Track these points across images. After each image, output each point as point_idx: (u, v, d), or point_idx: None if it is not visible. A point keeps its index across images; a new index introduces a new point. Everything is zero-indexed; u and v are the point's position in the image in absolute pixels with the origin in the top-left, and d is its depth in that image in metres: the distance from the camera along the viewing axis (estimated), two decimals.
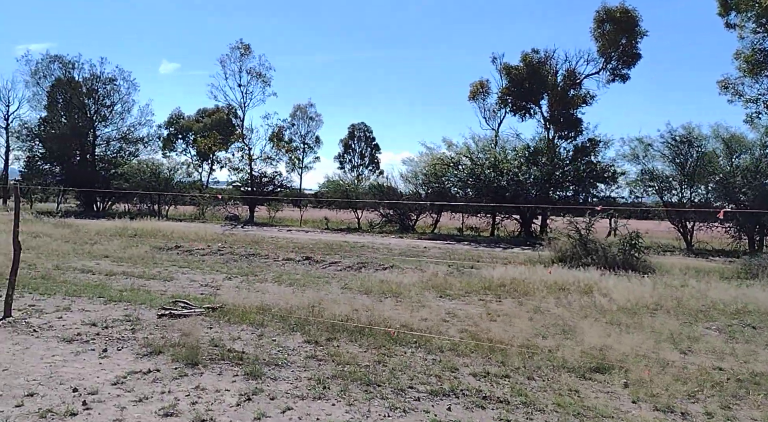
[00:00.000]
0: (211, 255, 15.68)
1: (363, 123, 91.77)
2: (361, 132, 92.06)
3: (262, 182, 33.23)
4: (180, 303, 8.22)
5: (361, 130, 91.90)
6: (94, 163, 36.55)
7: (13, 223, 7.46)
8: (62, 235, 18.43)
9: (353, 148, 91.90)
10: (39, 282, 9.71)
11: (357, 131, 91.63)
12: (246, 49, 32.65)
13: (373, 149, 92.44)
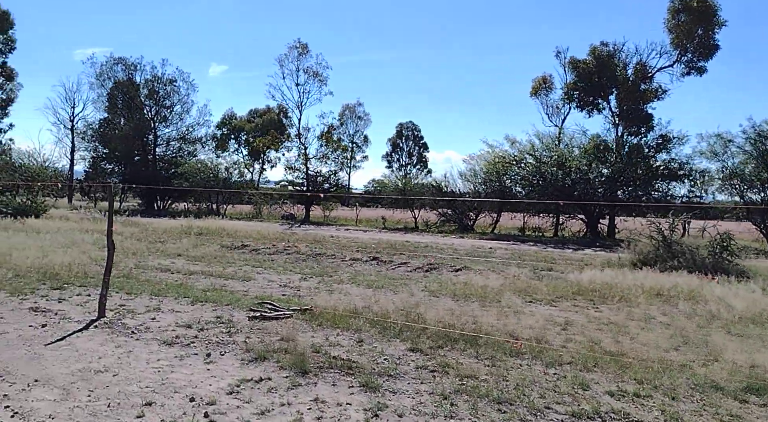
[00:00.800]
0: (278, 254, 15.61)
1: (411, 122, 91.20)
2: (409, 131, 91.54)
3: (317, 181, 33.27)
4: (266, 304, 8.03)
5: (409, 129, 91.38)
6: (155, 162, 37.50)
7: (107, 223, 7.39)
8: (132, 234, 18.79)
9: (401, 147, 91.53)
10: (123, 281, 9.73)
11: (405, 130, 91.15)
12: (304, 49, 32.81)
13: (421, 148, 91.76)
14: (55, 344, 5.83)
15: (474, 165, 27.96)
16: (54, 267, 10.29)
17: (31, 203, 22.47)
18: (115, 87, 39.36)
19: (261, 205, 33.96)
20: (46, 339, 6.01)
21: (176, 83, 37.20)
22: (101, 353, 5.55)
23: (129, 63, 36.20)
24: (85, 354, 5.48)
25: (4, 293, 8.30)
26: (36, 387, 4.54)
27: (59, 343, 5.86)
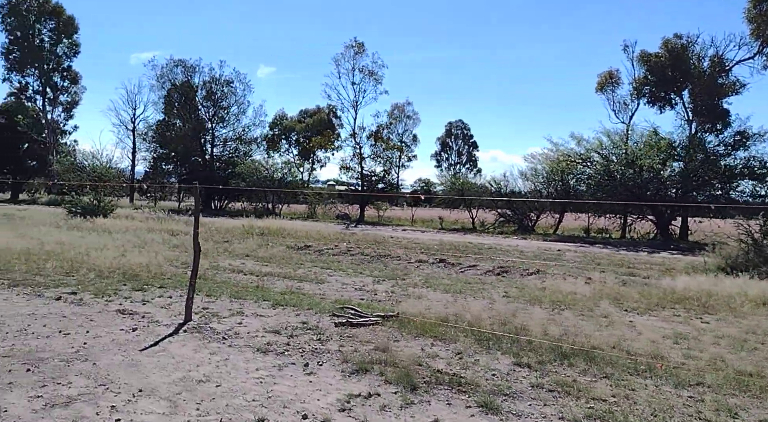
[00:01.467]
0: (342, 255, 15.42)
1: (460, 120, 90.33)
2: (459, 129, 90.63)
3: (372, 181, 33.11)
4: (349, 309, 7.76)
5: (458, 128, 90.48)
6: (212, 162, 38.22)
7: (194, 225, 7.28)
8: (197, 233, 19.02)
9: (450, 146, 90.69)
10: (201, 283, 9.67)
11: (454, 129, 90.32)
12: (360, 48, 32.73)
13: (471, 147, 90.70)
14: (150, 350, 5.71)
15: (536, 164, 27.14)
16: (132, 267, 10.38)
17: (99, 203, 23.14)
18: (174, 88, 40.38)
19: (315, 205, 34.06)
20: (140, 344, 5.91)
21: (233, 84, 37.86)
22: (198, 360, 5.38)
23: (188, 65, 37.11)
24: (182, 362, 5.32)
25: (88, 294, 8.35)
26: (142, 398, 4.38)
27: (153, 349, 5.74)
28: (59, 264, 10.44)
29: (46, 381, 4.71)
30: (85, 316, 7.02)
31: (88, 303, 7.76)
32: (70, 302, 7.80)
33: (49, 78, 44.89)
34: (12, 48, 43.82)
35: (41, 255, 11.58)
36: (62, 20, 44.48)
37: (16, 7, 42.78)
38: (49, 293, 8.32)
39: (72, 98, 46.49)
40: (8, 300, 7.76)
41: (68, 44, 45.50)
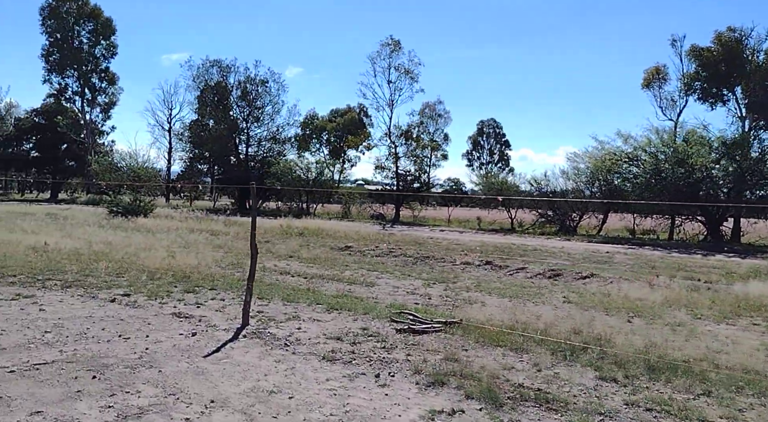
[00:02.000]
0: (384, 256, 15.17)
1: (492, 119, 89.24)
2: (491, 128, 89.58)
3: (407, 180, 32.79)
4: (407, 315, 7.46)
5: (490, 127, 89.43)
6: (247, 162, 38.42)
7: (251, 226, 7.08)
8: (236, 233, 19.02)
9: (482, 145, 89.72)
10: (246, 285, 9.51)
11: (486, 127, 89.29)
12: (396, 46, 32.43)
13: (503, 146, 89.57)
14: (213, 356, 5.52)
15: (578, 162, 26.42)
16: (181, 269, 10.28)
17: (139, 203, 23.39)
18: (209, 88, 40.74)
19: (350, 205, 33.91)
20: (202, 349, 5.72)
21: (267, 84, 37.97)
22: (264, 369, 5.15)
23: (224, 65, 37.37)
24: (249, 370, 5.10)
25: (142, 296, 8.25)
26: (215, 411, 4.15)
27: (217, 355, 5.54)
28: (109, 265, 10.42)
29: (113, 389, 4.54)
30: (142, 319, 6.88)
31: (143, 306, 7.64)
32: (125, 304, 7.69)
33: (87, 79, 45.83)
34: (52, 50, 44.83)
35: (90, 255, 11.61)
36: (100, 22, 45.33)
37: (56, 9, 43.77)
38: (102, 295, 8.24)
39: (109, 99, 47.40)
40: (64, 301, 7.69)
41: (106, 46, 46.38)
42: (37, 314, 6.92)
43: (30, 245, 12.44)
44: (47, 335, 6.01)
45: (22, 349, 5.49)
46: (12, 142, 48.05)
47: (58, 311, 7.12)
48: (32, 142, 47.42)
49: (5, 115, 51.10)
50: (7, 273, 9.43)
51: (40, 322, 6.53)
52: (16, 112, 50.89)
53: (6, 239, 12.98)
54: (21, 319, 6.63)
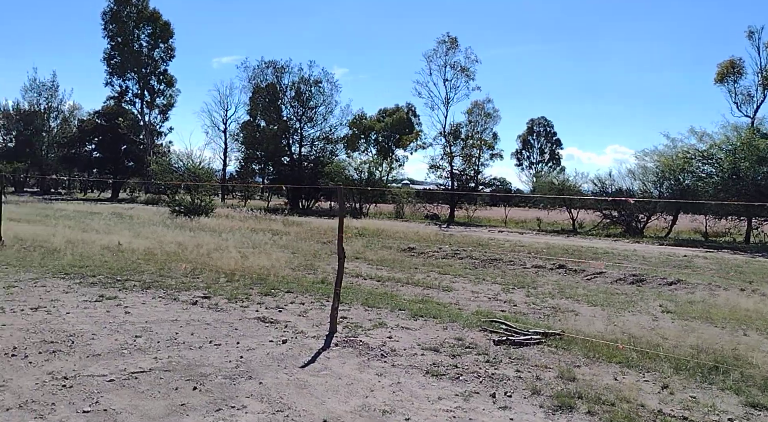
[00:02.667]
0: (449, 258, 14.70)
1: (543, 117, 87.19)
2: (541, 127, 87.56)
3: (462, 180, 32.19)
4: (499, 324, 7.02)
5: (540, 125, 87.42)
6: (300, 162, 38.61)
7: (338, 228, 6.79)
8: (297, 234, 18.94)
9: (532, 144, 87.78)
10: (325, 287, 9.27)
11: (536, 126, 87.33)
12: (453, 43, 31.86)
13: (554, 145, 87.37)
14: (311, 367, 5.23)
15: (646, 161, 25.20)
16: (255, 270, 10.14)
17: (200, 202, 23.69)
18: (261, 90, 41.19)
19: (403, 205, 33.57)
20: (297, 359, 5.44)
21: (321, 84, 38.05)
22: (368, 383, 4.81)
23: (278, 66, 37.65)
24: (352, 384, 4.78)
25: (222, 299, 8.10)
26: None
27: (314, 366, 5.25)
28: (185, 266, 10.38)
29: (217, 402, 4.29)
30: (227, 324, 6.69)
31: (226, 309, 7.47)
32: (208, 307, 7.54)
33: (146, 81, 47.17)
34: (113, 53, 46.33)
35: (163, 255, 11.64)
36: (159, 25, 46.58)
37: (117, 14, 45.21)
38: (183, 296, 8.14)
39: (167, 101, 48.66)
40: (147, 304, 7.60)
41: (164, 49, 47.63)
42: (123, 317, 6.83)
43: (104, 245, 12.61)
44: (138, 340, 5.87)
45: (117, 355, 5.34)
46: (75, 143, 49.99)
47: (143, 314, 7.02)
48: (94, 143, 49.15)
49: (69, 116, 53.31)
50: (88, 274, 9.49)
51: (128, 326, 6.42)
52: (79, 114, 53.03)
53: (81, 238, 13.21)
54: (109, 322, 6.54)
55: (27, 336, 5.82)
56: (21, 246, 12.25)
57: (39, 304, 7.23)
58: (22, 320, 6.44)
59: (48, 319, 6.52)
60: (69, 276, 9.29)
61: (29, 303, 7.31)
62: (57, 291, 8.12)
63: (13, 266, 9.93)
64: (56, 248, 11.87)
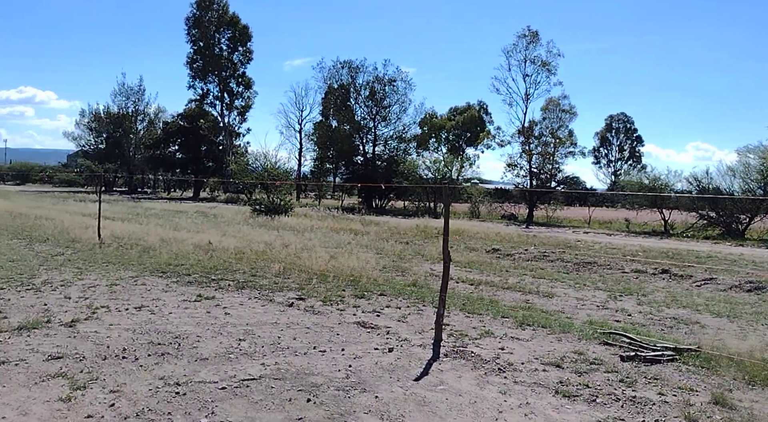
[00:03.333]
0: (538, 261, 13.96)
1: (623, 113, 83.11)
2: (620, 123, 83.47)
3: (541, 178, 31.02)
4: (618, 336, 6.37)
5: (620, 122, 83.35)
6: (374, 161, 38.58)
7: (443, 231, 6.38)
8: (377, 233, 18.72)
9: (610, 141, 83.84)
10: (418, 291, 8.90)
11: (615, 122, 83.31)
12: (534, 37, 30.75)
13: (635, 142, 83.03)
14: (426, 381, 4.84)
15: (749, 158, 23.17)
16: (344, 271, 9.91)
17: (280, 202, 24.00)
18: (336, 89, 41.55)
19: (478, 204, 32.79)
20: (408, 370, 5.08)
21: (395, 83, 37.86)
22: (494, 403, 4.36)
23: (353, 66, 37.79)
24: (476, 404, 4.35)
25: (316, 301, 7.89)
26: None
27: (429, 380, 4.86)
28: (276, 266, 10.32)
29: (335, 418, 3.99)
30: (328, 329, 6.44)
31: (323, 312, 7.23)
32: (304, 310, 7.34)
33: (226, 84, 48.77)
34: (195, 57, 48.21)
35: (253, 255, 11.67)
36: (238, 29, 48.05)
37: (199, 19, 47.00)
38: (278, 298, 8.00)
39: (245, 102, 50.11)
40: (245, 305, 7.50)
41: (242, 52, 49.06)
42: (224, 318, 6.73)
43: (195, 243, 12.84)
44: (242, 343, 5.71)
45: (224, 360, 5.18)
46: (160, 144, 52.45)
47: (243, 315, 6.90)
48: (177, 144, 51.34)
49: (154, 119, 56.04)
50: (183, 272, 9.59)
51: (230, 328, 6.29)
52: (163, 117, 55.62)
53: (173, 237, 13.54)
54: (211, 324, 6.45)
55: (134, 337, 5.79)
56: (118, 244, 12.67)
57: (142, 303, 7.28)
58: (128, 320, 6.46)
59: (152, 320, 6.51)
60: (166, 274, 9.42)
61: (132, 302, 7.39)
62: (157, 290, 8.20)
63: (113, 264, 10.22)
64: (151, 246, 12.18)
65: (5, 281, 8.28)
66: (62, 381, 4.48)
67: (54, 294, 7.64)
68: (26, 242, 12.76)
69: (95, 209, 23.89)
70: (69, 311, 6.72)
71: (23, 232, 14.36)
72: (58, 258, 10.56)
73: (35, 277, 8.71)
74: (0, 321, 6.14)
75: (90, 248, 12.01)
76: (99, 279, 8.76)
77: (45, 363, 4.87)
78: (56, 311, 6.70)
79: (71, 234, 13.98)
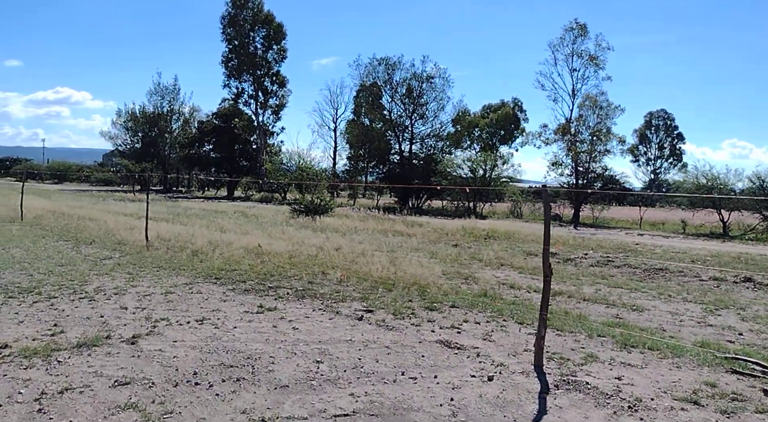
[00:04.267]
0: (603, 266, 13.06)
1: (663, 110, 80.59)
2: (660, 120, 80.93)
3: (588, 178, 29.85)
4: (744, 362, 5.54)
5: (660, 118, 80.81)
6: (410, 160, 37.86)
7: (544, 241, 5.65)
8: (423, 234, 18.02)
9: (649, 138, 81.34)
10: (491, 303, 8.16)
11: (655, 119, 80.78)
12: (582, 30, 29.56)
13: (675, 139, 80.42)
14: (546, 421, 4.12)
15: None
16: (407, 278, 9.24)
17: (320, 202, 23.45)
18: (370, 86, 40.93)
19: (520, 204, 31.81)
20: (520, 406, 4.37)
21: (433, 80, 37.05)
22: None
23: (390, 62, 37.10)
24: None
25: (387, 314, 7.24)
26: None
27: (549, 421, 4.14)
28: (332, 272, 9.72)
29: None
30: (409, 348, 5.77)
31: (397, 328, 6.57)
32: (376, 324, 6.69)
33: (260, 83, 48.58)
34: (231, 56, 48.16)
35: (306, 259, 11.10)
36: (273, 28, 47.82)
37: (234, 17, 46.92)
38: (343, 309, 7.38)
39: (279, 101, 49.85)
40: (310, 318, 6.89)
41: (277, 50, 48.82)
42: (293, 334, 6.12)
43: (243, 246, 12.34)
44: (321, 366, 5.09)
45: (306, 388, 4.56)
46: (195, 143, 52.66)
47: (312, 331, 6.29)
48: (212, 143, 51.45)
49: (189, 118, 56.33)
50: (237, 279, 9.06)
51: (302, 346, 5.68)
52: (198, 116, 55.81)
53: (221, 239, 13.08)
54: (281, 341, 5.85)
55: (203, 357, 5.22)
56: (166, 246, 12.26)
57: (203, 315, 6.73)
58: (191, 335, 5.91)
59: (217, 335, 5.95)
60: (220, 281, 8.90)
61: (192, 313, 6.85)
62: (214, 299, 7.66)
63: (164, 269, 9.75)
64: (200, 249, 11.73)
65: (57, 288, 7.86)
66: (134, 414, 3.92)
67: (109, 303, 7.16)
68: (72, 244, 12.45)
69: (135, 209, 23.83)
70: (128, 324, 6.20)
71: (68, 234, 14.10)
72: (108, 263, 10.16)
73: (87, 284, 8.27)
74: (57, 336, 5.66)
75: (138, 251, 11.61)
76: (153, 287, 8.28)
77: (112, 391, 4.32)
78: (115, 324, 6.19)
79: (117, 235, 13.65)
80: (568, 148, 30.82)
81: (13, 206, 20.17)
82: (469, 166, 34.26)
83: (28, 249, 11.27)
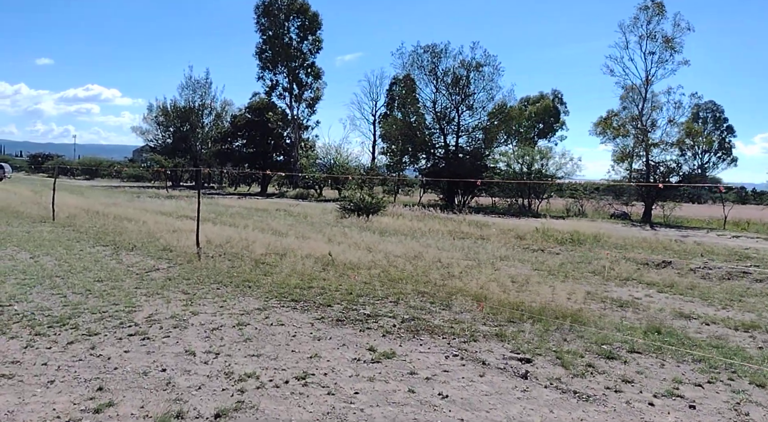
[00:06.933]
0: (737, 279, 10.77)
1: (711, 101, 76.32)
2: (708, 112, 76.77)
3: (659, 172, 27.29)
4: None
5: (707, 110, 76.63)
6: (456, 154, 35.60)
7: None
8: (498, 238, 15.83)
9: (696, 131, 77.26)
10: (673, 342, 6.00)
11: (703, 111, 76.60)
12: (659, 9, 26.83)
13: (724, 133, 76.24)
14: None
15: None
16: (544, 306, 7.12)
17: (372, 199, 21.42)
18: (404, 79, 38.79)
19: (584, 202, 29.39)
20: None
21: (482, 68, 34.62)
22: None
23: (437, 50, 34.76)
24: None
25: (557, 367, 5.15)
26: None
27: None
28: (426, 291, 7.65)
29: None
30: None
31: (586, 394, 4.48)
32: (552, 386, 4.61)
33: (295, 75, 46.65)
34: (265, 47, 46.28)
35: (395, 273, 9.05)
36: (308, 17, 45.81)
37: (269, 7, 45.03)
38: (487, 356, 5.33)
39: (314, 94, 47.88)
40: (451, 373, 4.84)
41: (312, 41, 46.81)
42: (447, 409, 4.09)
43: (307, 253, 10.37)
44: None
45: None
46: (227, 138, 51.11)
47: (467, 400, 4.26)
48: (245, 138, 49.81)
49: (221, 112, 54.83)
50: (321, 302, 7.08)
51: None
52: (230, 110, 54.25)
53: (280, 244, 11.15)
54: (428, 413, 3.80)
55: None
56: (218, 253, 10.38)
57: (303, 369, 4.74)
58: (299, 410, 3.93)
59: (337, 410, 3.95)
60: (300, 304, 6.94)
61: (284, 361, 4.88)
62: (304, 336, 5.68)
63: (225, 285, 7.83)
64: (261, 258, 9.81)
65: (98, 318, 5.96)
66: None
67: (168, 345, 5.23)
68: (111, 250, 10.65)
69: (173, 207, 22.12)
70: (203, 387, 4.25)
71: (106, 237, 12.33)
72: (156, 277, 8.28)
73: (135, 310, 6.37)
74: (103, 412, 3.70)
75: (189, 260, 9.73)
76: (219, 314, 6.34)
77: None
78: (184, 386, 4.24)
79: (160, 240, 11.82)
80: (642, 140, 28.21)
81: (44, 204, 18.64)
82: (527, 160, 31.87)
83: (60, 258, 9.48)
